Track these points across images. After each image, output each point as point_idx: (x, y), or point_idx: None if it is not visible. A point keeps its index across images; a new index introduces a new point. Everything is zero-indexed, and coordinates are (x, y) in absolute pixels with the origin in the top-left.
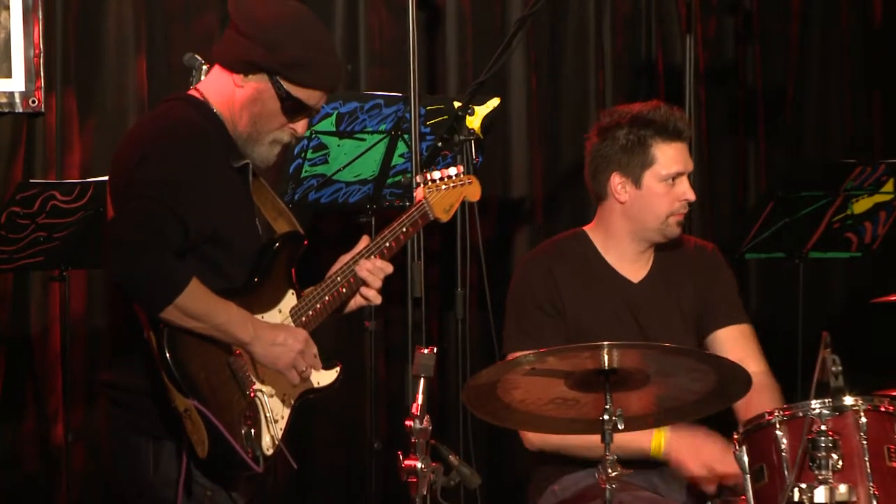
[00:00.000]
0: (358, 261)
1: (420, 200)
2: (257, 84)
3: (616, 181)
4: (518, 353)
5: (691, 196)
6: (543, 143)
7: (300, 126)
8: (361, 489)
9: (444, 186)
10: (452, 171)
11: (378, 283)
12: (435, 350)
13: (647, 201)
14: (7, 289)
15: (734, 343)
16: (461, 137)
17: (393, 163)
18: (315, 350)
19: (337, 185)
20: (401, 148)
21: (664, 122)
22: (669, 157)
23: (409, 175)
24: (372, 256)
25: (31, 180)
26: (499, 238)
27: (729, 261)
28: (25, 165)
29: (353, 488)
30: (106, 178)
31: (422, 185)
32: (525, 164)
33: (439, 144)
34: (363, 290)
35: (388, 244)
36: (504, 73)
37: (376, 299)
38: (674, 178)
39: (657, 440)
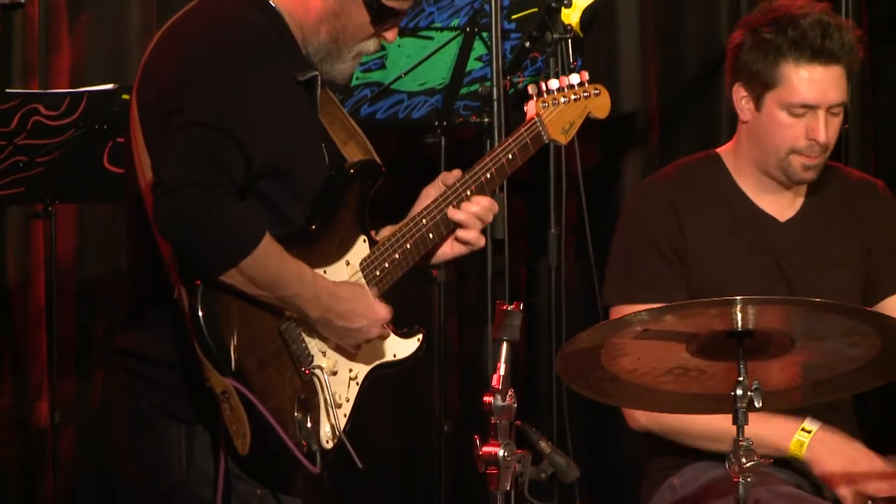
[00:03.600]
0: (449, 197)
1: (532, 118)
2: None
3: (739, 94)
4: (624, 308)
5: (821, 137)
6: (661, 44)
7: (391, 34)
8: (427, 481)
9: (563, 99)
10: (574, 78)
11: (480, 225)
12: (521, 307)
13: (767, 129)
14: None
15: None
16: (555, 36)
17: (468, 68)
18: (389, 332)
19: (397, 96)
20: (478, 49)
21: (805, 34)
22: (801, 83)
23: (487, 84)
24: (468, 191)
25: (8, 90)
26: (603, 165)
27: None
28: (0, 72)
29: (417, 480)
30: (104, 87)
31: (534, 98)
32: (637, 70)
33: (527, 45)
34: (461, 232)
35: (487, 175)
36: None
37: (479, 241)
38: (802, 110)
39: (799, 441)
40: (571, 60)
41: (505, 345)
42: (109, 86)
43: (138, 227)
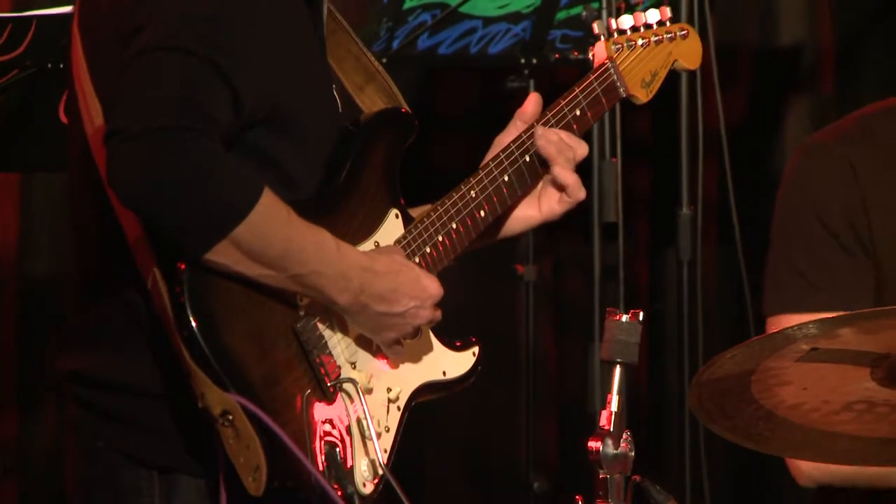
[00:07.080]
0: (503, 162)
1: (603, 63)
2: None
3: None
4: (786, 319)
5: None
6: None
7: None
8: None
9: (640, 41)
10: (653, 15)
11: (571, 167)
12: (641, 316)
13: None
14: None
15: None
16: None
17: None
18: (440, 315)
19: (469, 22)
20: None
21: None
22: None
23: (594, 5)
24: (526, 157)
25: None
26: (756, 119)
27: None
28: None
29: None
30: (60, 9)
31: (603, 39)
32: None
33: None
34: (556, 170)
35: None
36: None
37: (578, 192)
38: None
39: None
40: None
41: (618, 369)
42: (67, 8)
43: (87, 196)
